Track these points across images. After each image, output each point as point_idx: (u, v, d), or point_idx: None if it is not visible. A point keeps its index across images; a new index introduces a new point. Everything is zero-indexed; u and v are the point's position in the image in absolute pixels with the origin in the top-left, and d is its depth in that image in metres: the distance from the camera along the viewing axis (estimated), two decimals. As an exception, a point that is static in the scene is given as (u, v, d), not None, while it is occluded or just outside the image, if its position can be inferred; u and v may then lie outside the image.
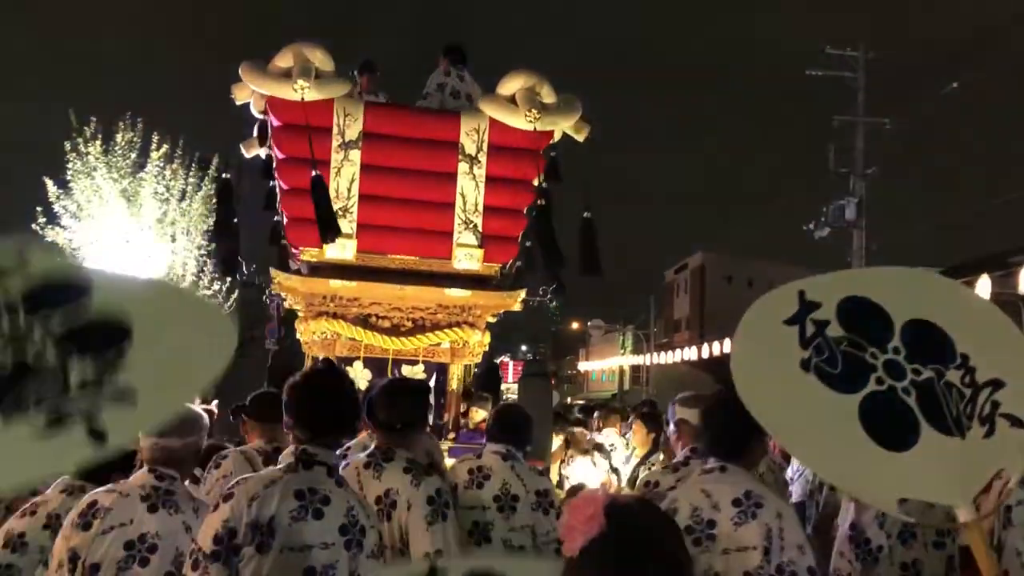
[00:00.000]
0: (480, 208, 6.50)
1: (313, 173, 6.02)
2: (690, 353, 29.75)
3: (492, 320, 7.03)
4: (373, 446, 3.25)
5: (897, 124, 19.31)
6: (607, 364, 48.30)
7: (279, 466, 2.64)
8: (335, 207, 6.28)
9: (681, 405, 4.02)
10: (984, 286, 14.58)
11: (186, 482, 3.03)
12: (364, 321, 6.61)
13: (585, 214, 6.69)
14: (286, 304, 7.39)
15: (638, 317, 42.54)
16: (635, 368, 44.26)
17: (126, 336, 1.78)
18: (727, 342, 24.59)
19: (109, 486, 2.88)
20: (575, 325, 48.13)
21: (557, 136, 6.60)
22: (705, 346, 27.71)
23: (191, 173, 14.54)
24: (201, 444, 3.04)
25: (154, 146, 14.11)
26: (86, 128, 13.87)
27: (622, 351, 45.20)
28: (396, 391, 3.34)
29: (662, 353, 35.34)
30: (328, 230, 5.93)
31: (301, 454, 2.56)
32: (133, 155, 14.07)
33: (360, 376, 6.47)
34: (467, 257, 6.54)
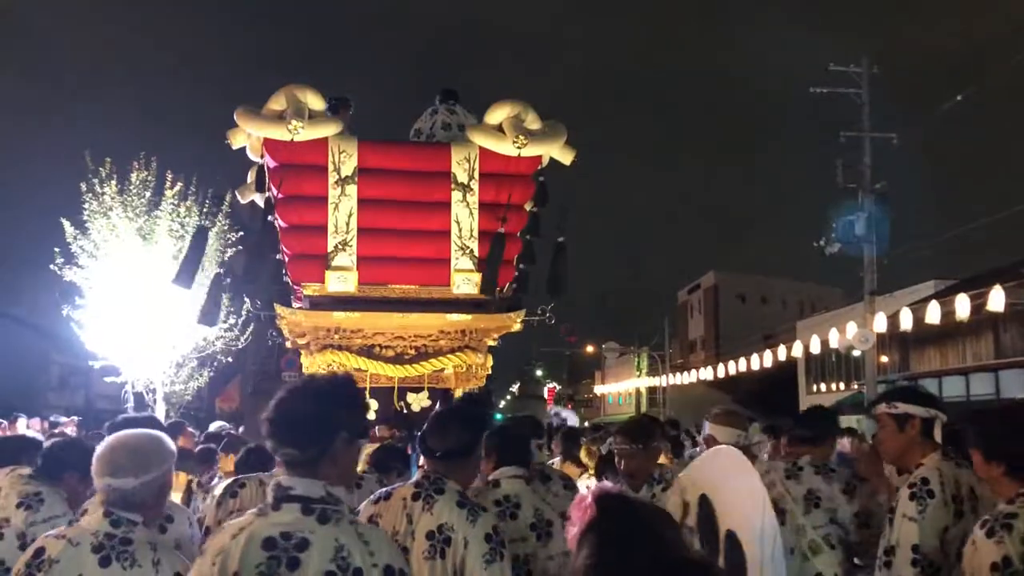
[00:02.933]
0: (475, 234, 6.67)
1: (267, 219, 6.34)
2: (706, 373, 29.70)
3: (493, 343, 7.16)
4: (420, 475, 3.00)
5: (903, 138, 19.37)
6: (623, 387, 48.18)
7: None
8: (334, 242, 6.50)
9: (713, 422, 4.05)
10: (997, 297, 14.58)
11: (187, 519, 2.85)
12: (368, 351, 6.77)
13: (559, 238, 6.93)
14: (288, 342, 7.53)
15: (652, 338, 42.47)
16: (652, 390, 44.13)
17: None
18: (743, 361, 24.59)
19: (60, 530, 2.55)
20: (589, 348, 48.05)
21: (545, 161, 6.79)
22: (721, 365, 27.67)
23: (204, 209, 14.85)
24: (168, 479, 2.61)
25: (168, 184, 14.44)
26: (101, 169, 14.24)
27: (638, 373, 45.08)
28: (447, 417, 3.09)
29: (678, 374, 35.28)
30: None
31: (275, 489, 2.09)
32: (148, 193, 14.40)
33: (368, 406, 6.61)
34: (465, 282, 6.70)
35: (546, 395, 54.93)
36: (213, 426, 9.21)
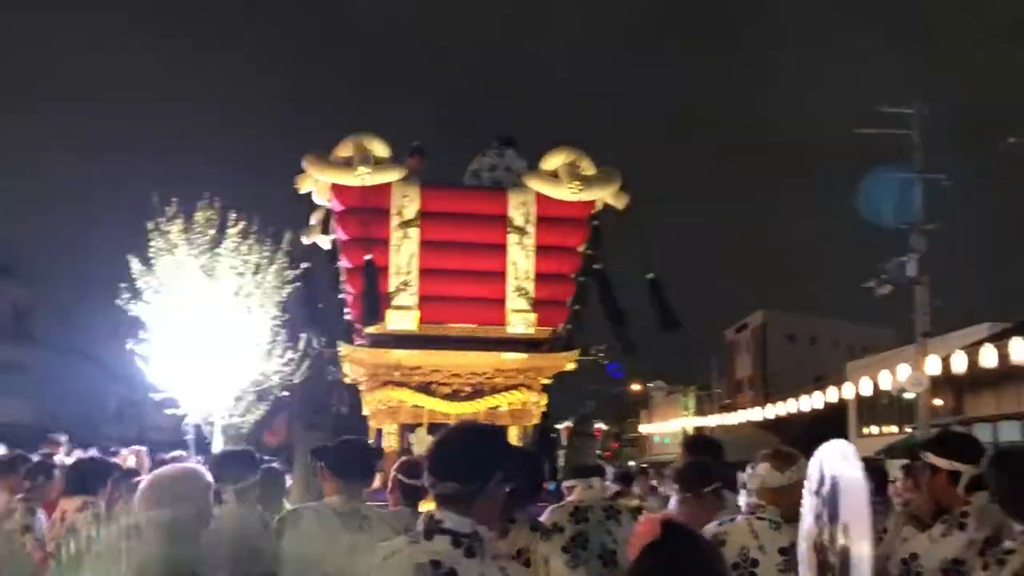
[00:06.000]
0: (531, 275, 6.89)
1: (366, 258, 6.50)
2: (754, 413, 29.47)
3: (548, 382, 7.33)
4: None
5: (955, 179, 19.27)
6: (670, 426, 47.80)
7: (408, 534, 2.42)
8: (396, 282, 6.77)
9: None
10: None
11: None
12: (426, 388, 6.96)
13: (649, 275, 7.03)
14: (347, 378, 7.77)
15: (699, 378, 42.17)
16: (698, 430, 43.74)
17: None
18: (791, 402, 24.39)
19: None
20: (636, 387, 47.80)
21: (599, 206, 7.02)
22: (769, 406, 27.44)
23: (265, 247, 15.34)
24: (208, 509, 2.76)
25: (231, 223, 14.96)
26: (167, 208, 14.83)
27: (685, 412, 44.75)
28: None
29: (726, 414, 34.98)
30: (372, 315, 6.42)
31: (428, 520, 2.28)
32: (211, 232, 14.94)
33: (424, 442, 6.82)
34: (521, 322, 6.92)
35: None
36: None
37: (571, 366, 7.19)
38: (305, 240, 7.99)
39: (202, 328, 14.18)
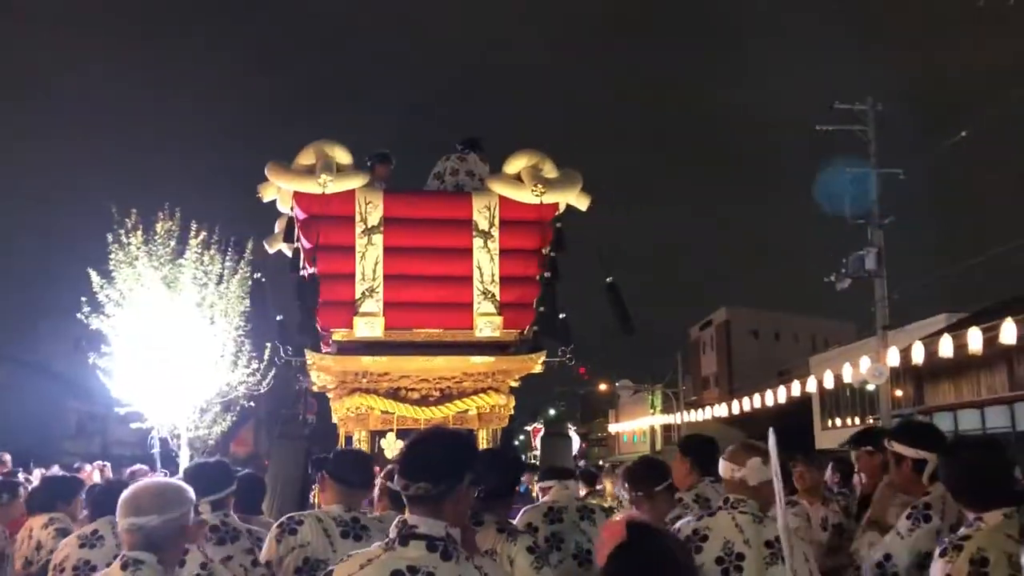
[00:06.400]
0: (496, 279, 6.94)
1: (307, 272, 6.56)
2: (720, 410, 29.73)
3: (515, 384, 7.37)
4: None
5: (911, 173, 19.59)
6: (637, 425, 48.08)
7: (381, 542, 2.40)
8: (361, 288, 6.77)
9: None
10: (1010, 329, 14.71)
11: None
12: (395, 394, 6.99)
13: (608, 279, 7.13)
14: (315, 386, 7.77)
15: (666, 376, 42.48)
16: (666, 428, 44.05)
17: None
18: (756, 397, 24.65)
19: None
20: (603, 387, 48.03)
21: (562, 208, 7.07)
22: (735, 402, 27.70)
23: (227, 257, 15.19)
24: (187, 520, 2.77)
25: (192, 233, 14.81)
26: (127, 220, 14.62)
27: (652, 411, 45.01)
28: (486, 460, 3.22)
29: (692, 411, 35.27)
30: (307, 332, 6.53)
31: (401, 526, 2.30)
32: (172, 243, 14.77)
33: (394, 447, 6.83)
34: (488, 325, 6.95)
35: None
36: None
37: (538, 368, 7.24)
38: (268, 249, 7.97)
39: (165, 340, 14.00)
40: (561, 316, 6.93)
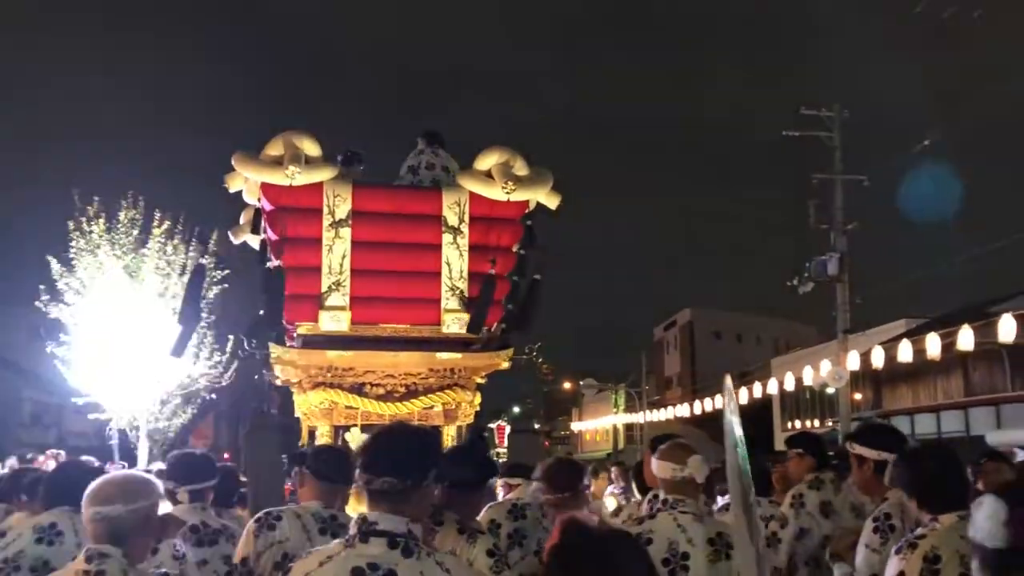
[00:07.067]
0: (465, 275, 6.91)
1: (273, 264, 6.46)
2: (683, 410, 29.94)
3: (482, 381, 7.36)
4: None
5: (874, 180, 19.87)
6: (600, 423, 48.32)
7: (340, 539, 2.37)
8: (328, 282, 6.71)
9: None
10: (967, 336, 14.97)
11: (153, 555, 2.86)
12: (359, 389, 6.92)
13: (536, 276, 7.18)
14: (279, 380, 7.70)
15: (630, 375, 42.70)
16: (629, 427, 44.30)
17: None
18: (718, 398, 24.86)
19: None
20: (567, 385, 48.18)
21: (532, 206, 7.06)
22: (697, 402, 27.91)
23: (191, 248, 15.03)
24: (154, 512, 2.75)
25: (156, 223, 14.63)
26: (89, 207, 14.40)
27: (615, 410, 45.26)
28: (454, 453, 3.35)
29: (655, 411, 35.49)
30: (271, 325, 6.47)
31: (361, 522, 2.26)
32: (135, 232, 14.57)
33: (359, 441, 6.78)
34: (455, 322, 6.91)
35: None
36: None
37: (505, 365, 7.24)
38: (234, 240, 7.87)
39: (126, 330, 13.80)
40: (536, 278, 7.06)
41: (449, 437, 7.06)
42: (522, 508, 4.29)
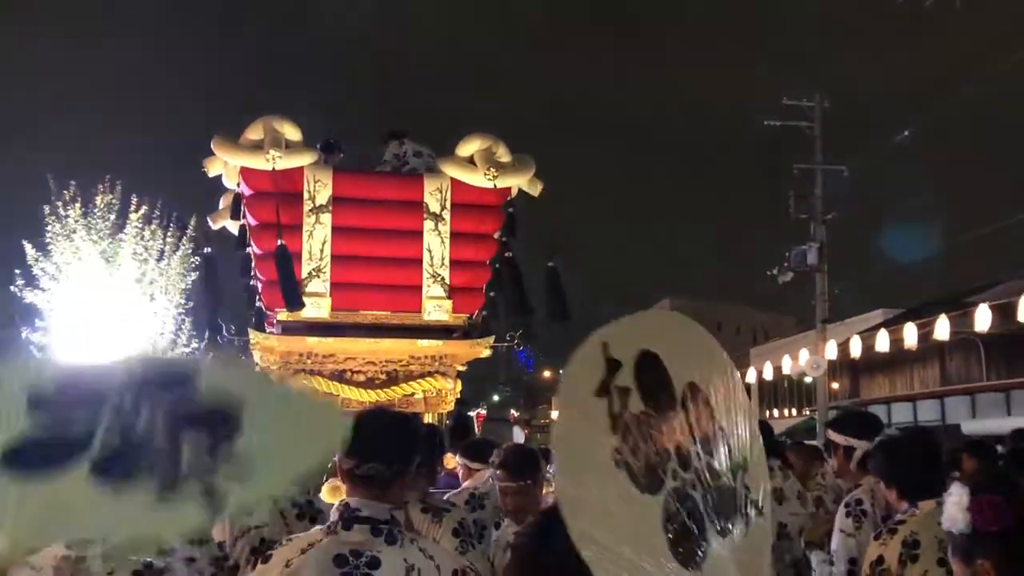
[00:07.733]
0: (446, 262, 6.88)
1: (278, 243, 6.36)
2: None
3: (462, 369, 7.34)
4: None
5: (854, 170, 19.96)
6: (581, 412, 48.43)
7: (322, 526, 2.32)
8: (308, 268, 6.66)
9: None
10: (943, 326, 15.11)
11: None
12: (340, 376, 6.90)
13: (549, 263, 7.12)
14: (257, 367, 7.64)
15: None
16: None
17: (237, 415, 1.74)
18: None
19: None
20: (547, 374, 48.34)
21: (514, 193, 7.04)
22: (676, 390, 28.00)
23: (169, 234, 14.91)
24: None
25: (132, 208, 14.49)
26: (65, 192, 14.24)
27: (596, 398, 45.34)
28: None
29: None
30: (291, 300, 6.28)
31: (343, 509, 2.20)
32: (112, 217, 14.42)
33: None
34: (436, 309, 6.90)
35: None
36: None
37: (487, 353, 7.22)
38: (213, 225, 7.79)
39: (103, 316, 13.69)
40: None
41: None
42: (480, 498, 4.10)
